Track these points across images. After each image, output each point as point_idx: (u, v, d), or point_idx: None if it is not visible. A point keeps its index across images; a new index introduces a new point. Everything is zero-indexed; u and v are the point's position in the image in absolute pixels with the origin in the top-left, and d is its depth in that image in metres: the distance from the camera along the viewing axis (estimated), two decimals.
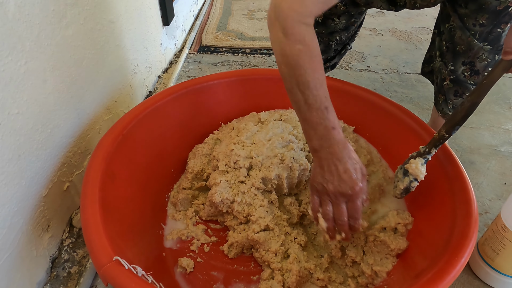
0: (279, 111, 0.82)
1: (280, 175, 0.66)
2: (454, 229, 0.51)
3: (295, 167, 0.67)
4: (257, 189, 0.66)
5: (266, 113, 0.80)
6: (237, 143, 0.71)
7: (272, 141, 0.69)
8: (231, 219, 0.68)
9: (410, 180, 0.58)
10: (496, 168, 0.90)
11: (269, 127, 0.73)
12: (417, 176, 0.57)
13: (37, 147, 0.56)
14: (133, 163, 0.65)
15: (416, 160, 0.57)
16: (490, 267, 0.63)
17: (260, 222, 0.63)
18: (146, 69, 1.06)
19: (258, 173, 0.66)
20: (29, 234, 0.56)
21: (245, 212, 0.65)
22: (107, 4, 0.76)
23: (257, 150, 0.68)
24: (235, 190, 0.66)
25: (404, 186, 0.58)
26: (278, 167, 0.66)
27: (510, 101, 1.16)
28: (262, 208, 0.65)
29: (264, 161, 0.67)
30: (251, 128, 0.74)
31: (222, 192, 0.65)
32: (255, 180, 0.66)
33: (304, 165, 0.68)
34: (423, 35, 1.58)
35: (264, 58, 1.36)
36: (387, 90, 1.19)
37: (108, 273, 0.42)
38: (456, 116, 0.54)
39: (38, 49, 0.54)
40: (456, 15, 0.69)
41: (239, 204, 0.65)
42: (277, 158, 0.67)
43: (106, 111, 0.79)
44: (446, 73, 0.75)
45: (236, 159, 0.67)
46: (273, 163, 0.66)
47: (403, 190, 0.59)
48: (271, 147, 0.69)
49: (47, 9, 0.56)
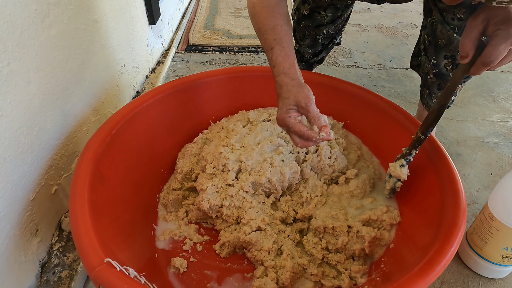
0: (268, 110, 0.82)
1: (270, 179, 0.66)
2: (443, 219, 0.51)
3: (285, 170, 0.66)
4: (246, 192, 0.66)
5: (255, 113, 0.80)
6: (226, 145, 0.71)
7: (261, 145, 0.69)
8: (220, 222, 0.67)
9: (395, 181, 0.62)
10: (482, 159, 0.92)
11: (258, 130, 0.73)
12: (399, 177, 0.61)
13: (23, 150, 0.55)
14: (122, 164, 0.64)
15: (395, 164, 0.62)
16: (479, 256, 0.64)
17: (251, 224, 0.62)
18: (133, 69, 1.05)
19: (248, 177, 0.66)
20: (17, 239, 0.55)
21: (234, 215, 0.65)
22: (91, 4, 0.75)
23: (246, 154, 0.68)
24: (223, 194, 0.65)
25: (390, 187, 0.63)
26: (268, 171, 0.66)
27: (494, 93, 1.19)
28: (253, 210, 0.65)
29: (253, 166, 0.67)
30: (240, 130, 0.74)
31: (210, 199, 0.65)
32: (244, 184, 0.65)
33: (294, 168, 0.67)
34: (408, 30, 1.60)
35: (253, 56, 1.36)
36: (374, 86, 1.20)
37: (99, 275, 0.42)
38: (429, 118, 0.58)
39: (20, 49, 0.53)
40: (436, 9, 0.70)
41: (227, 208, 0.65)
42: (266, 162, 0.67)
43: (93, 112, 0.78)
44: (429, 67, 0.76)
45: (225, 162, 0.67)
46: (263, 168, 0.66)
47: (390, 191, 0.64)
48: (261, 151, 0.69)
49: (29, 8, 0.54)
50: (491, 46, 0.46)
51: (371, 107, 0.76)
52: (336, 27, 0.86)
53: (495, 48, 0.46)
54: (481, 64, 0.48)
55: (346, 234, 0.61)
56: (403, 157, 0.61)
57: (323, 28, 0.84)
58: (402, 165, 0.61)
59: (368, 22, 1.67)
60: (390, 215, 0.62)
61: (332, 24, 0.84)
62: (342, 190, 0.68)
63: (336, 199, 0.67)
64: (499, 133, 1.01)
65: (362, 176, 0.69)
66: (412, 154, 0.60)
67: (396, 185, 0.62)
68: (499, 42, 0.45)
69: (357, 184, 0.68)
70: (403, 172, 0.60)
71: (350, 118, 0.80)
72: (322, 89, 0.82)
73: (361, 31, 1.58)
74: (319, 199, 0.67)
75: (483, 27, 0.47)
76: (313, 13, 0.81)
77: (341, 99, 0.80)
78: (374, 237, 0.59)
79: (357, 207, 0.65)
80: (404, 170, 0.61)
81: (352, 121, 0.80)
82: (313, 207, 0.66)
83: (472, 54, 0.49)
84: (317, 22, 0.83)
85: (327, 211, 0.65)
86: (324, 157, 0.69)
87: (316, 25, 0.83)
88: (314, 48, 0.91)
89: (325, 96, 0.82)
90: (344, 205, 0.66)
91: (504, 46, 0.45)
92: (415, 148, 0.60)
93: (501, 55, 0.46)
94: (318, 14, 0.81)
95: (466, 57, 0.49)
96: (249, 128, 0.75)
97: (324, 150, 0.70)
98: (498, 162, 0.91)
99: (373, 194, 0.68)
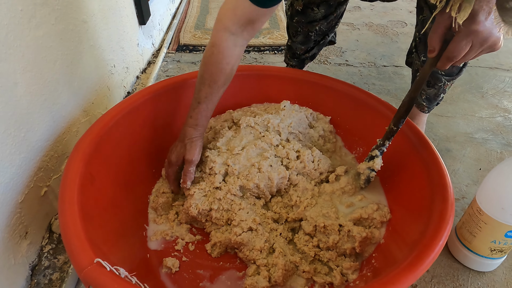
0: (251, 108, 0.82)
1: (258, 185, 0.66)
2: (433, 214, 0.52)
3: (273, 176, 0.66)
4: (234, 195, 0.66)
5: (238, 113, 0.80)
6: (212, 148, 0.71)
7: (247, 149, 0.69)
8: (210, 225, 0.67)
9: (369, 172, 0.65)
10: (471, 154, 0.94)
11: (242, 133, 0.73)
12: (374, 168, 0.64)
13: (11, 152, 0.54)
14: (112, 165, 0.64)
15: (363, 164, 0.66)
16: (468, 250, 0.65)
17: (242, 225, 0.62)
18: (124, 69, 1.04)
19: (236, 180, 0.66)
20: (5, 242, 0.54)
21: (224, 218, 0.65)
22: (79, 4, 0.74)
23: (233, 158, 0.68)
24: (211, 198, 0.65)
25: (365, 177, 0.66)
26: (256, 176, 0.66)
27: (482, 90, 1.21)
28: (242, 211, 0.64)
29: (241, 170, 0.67)
30: (225, 132, 0.74)
31: (198, 204, 0.64)
32: (232, 187, 0.65)
33: (282, 173, 0.67)
34: (398, 28, 1.62)
35: (244, 55, 1.36)
36: (365, 83, 1.21)
37: (89, 275, 0.41)
38: (400, 111, 0.60)
39: (7, 50, 0.52)
40: (427, 7, 0.70)
41: (216, 212, 0.64)
42: (254, 167, 0.67)
43: (83, 113, 0.77)
44: (419, 63, 0.77)
45: (212, 165, 0.67)
46: (251, 173, 0.66)
47: (365, 180, 0.66)
48: (247, 156, 0.68)
49: (15, 9, 0.54)
50: (454, 42, 0.48)
51: (362, 104, 0.77)
52: (329, 24, 0.86)
53: (457, 44, 0.48)
54: (446, 59, 0.51)
55: (337, 233, 0.61)
56: (377, 148, 0.64)
57: (316, 25, 0.85)
58: (376, 156, 0.64)
59: (359, 21, 1.68)
60: (380, 212, 0.62)
61: (325, 20, 0.84)
62: (334, 188, 0.68)
63: (327, 197, 0.67)
64: (488, 129, 1.03)
65: (352, 172, 0.69)
66: (386, 145, 0.63)
67: (371, 175, 0.65)
68: (461, 39, 0.47)
69: (348, 180, 0.68)
70: (376, 162, 0.64)
71: (340, 115, 0.81)
72: (313, 87, 0.83)
73: (351, 30, 1.59)
74: (309, 201, 0.66)
75: (449, 23, 0.48)
76: (306, 9, 0.82)
77: (331, 97, 0.81)
78: (365, 237, 0.59)
79: (347, 205, 0.65)
80: (378, 161, 0.63)
81: (343, 119, 0.81)
82: (302, 210, 0.65)
83: (438, 49, 0.51)
84: (310, 18, 0.83)
85: (318, 210, 0.65)
86: (307, 162, 0.69)
87: (309, 21, 0.84)
88: (306, 44, 0.92)
89: (316, 94, 0.83)
90: (335, 203, 0.67)
91: (465, 42, 0.47)
92: (388, 139, 0.63)
93: (463, 51, 0.48)
94: (311, 10, 0.82)
95: (433, 51, 0.51)
96: (234, 130, 0.75)
97: (306, 156, 0.70)
98: (487, 157, 0.93)
99: (363, 191, 0.69)
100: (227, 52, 0.62)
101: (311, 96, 0.83)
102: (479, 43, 0.47)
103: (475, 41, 0.47)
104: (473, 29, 0.46)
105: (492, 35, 0.47)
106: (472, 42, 0.47)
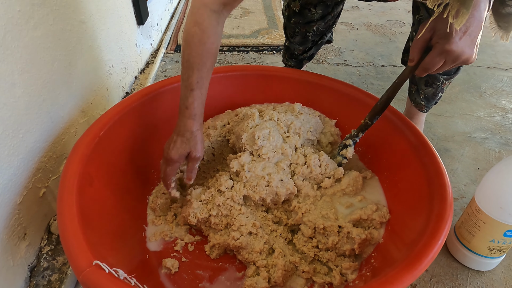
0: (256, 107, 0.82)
1: (264, 199, 0.65)
2: (431, 213, 0.52)
3: (281, 192, 0.64)
4: (234, 202, 0.64)
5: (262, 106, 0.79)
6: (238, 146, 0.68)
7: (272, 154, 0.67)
8: (208, 229, 0.67)
9: (341, 159, 0.71)
10: (469, 154, 0.94)
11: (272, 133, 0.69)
12: (346, 156, 0.70)
13: (9, 153, 0.54)
14: (111, 166, 0.64)
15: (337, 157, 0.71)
16: (467, 249, 0.65)
17: (242, 229, 0.62)
18: (122, 70, 1.04)
19: (242, 189, 0.64)
20: (4, 243, 0.54)
21: (223, 223, 0.64)
22: (77, 4, 0.74)
23: (250, 165, 0.65)
24: (210, 205, 0.64)
25: (337, 163, 0.71)
26: (264, 191, 0.64)
27: (480, 89, 1.21)
28: (242, 216, 0.63)
29: (250, 179, 0.65)
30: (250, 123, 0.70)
31: (196, 213, 0.64)
32: (236, 194, 0.64)
33: (291, 189, 0.65)
34: (396, 28, 1.62)
35: (242, 55, 1.36)
36: (364, 83, 1.21)
37: (88, 278, 0.41)
38: (376, 108, 0.65)
39: (4, 51, 0.52)
40: (423, 7, 0.71)
41: (215, 217, 0.64)
42: (264, 179, 0.64)
43: (82, 113, 0.77)
44: None
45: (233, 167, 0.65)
46: (259, 185, 0.64)
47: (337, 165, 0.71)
48: (265, 165, 0.66)
49: (13, 9, 0.54)
50: (429, 57, 0.53)
51: (360, 104, 0.77)
52: (326, 24, 0.86)
53: (432, 59, 0.53)
54: (422, 69, 0.56)
55: (336, 234, 0.61)
56: (351, 138, 0.69)
57: (313, 25, 0.85)
58: (349, 145, 0.69)
59: (357, 20, 1.68)
60: (379, 213, 0.62)
61: (322, 20, 0.84)
62: (335, 190, 0.68)
63: (328, 198, 0.67)
64: (486, 128, 1.03)
65: (353, 173, 0.69)
66: (359, 136, 0.69)
67: (342, 162, 0.71)
68: (436, 55, 0.52)
69: (348, 181, 0.68)
70: (349, 151, 0.69)
71: (339, 115, 0.81)
72: (311, 87, 0.83)
73: (350, 29, 1.59)
74: (308, 207, 0.65)
75: (429, 36, 0.53)
76: (303, 9, 0.82)
77: (330, 97, 0.81)
78: (365, 239, 0.59)
79: (347, 206, 0.65)
80: (350, 150, 0.70)
81: (341, 119, 0.81)
82: (300, 217, 0.64)
83: (417, 60, 0.56)
84: (308, 19, 0.83)
85: (318, 212, 0.64)
86: (314, 167, 0.68)
87: (306, 21, 0.84)
88: (304, 45, 0.91)
89: (315, 94, 0.83)
90: (335, 204, 0.66)
91: (439, 59, 0.52)
92: (362, 131, 0.68)
93: (437, 65, 0.53)
94: (308, 11, 0.82)
95: (412, 61, 0.57)
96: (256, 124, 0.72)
97: (313, 160, 0.68)
98: (485, 157, 0.93)
99: (362, 192, 0.69)
100: (211, 31, 0.57)
101: (311, 96, 0.83)
102: (452, 60, 0.52)
103: (448, 58, 0.52)
104: (446, 48, 0.50)
105: (464, 53, 0.51)
106: (445, 59, 0.52)
